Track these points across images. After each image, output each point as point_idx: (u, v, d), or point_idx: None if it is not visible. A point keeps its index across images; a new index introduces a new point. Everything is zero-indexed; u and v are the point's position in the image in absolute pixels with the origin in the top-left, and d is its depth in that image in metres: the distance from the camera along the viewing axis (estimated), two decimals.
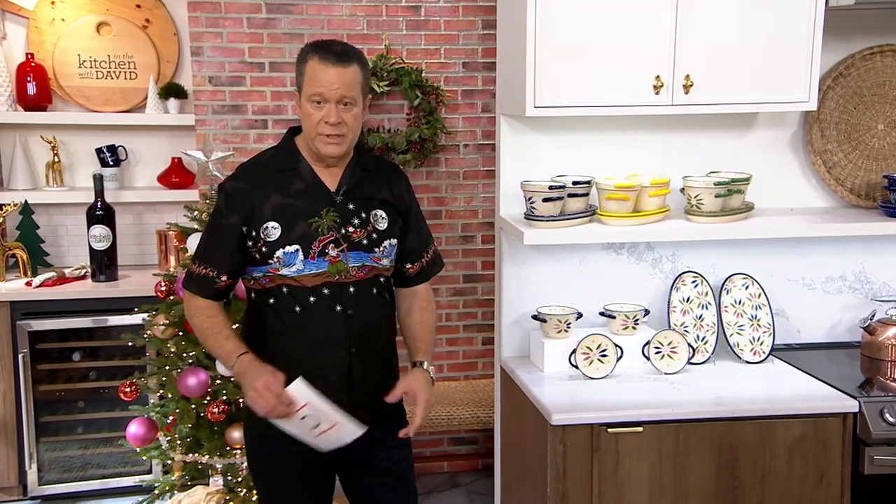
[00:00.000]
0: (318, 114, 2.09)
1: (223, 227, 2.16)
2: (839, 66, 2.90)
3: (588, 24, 2.56)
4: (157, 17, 4.07)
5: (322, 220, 2.15)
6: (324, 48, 2.11)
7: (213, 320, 2.20)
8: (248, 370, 2.09)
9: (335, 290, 2.16)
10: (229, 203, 2.15)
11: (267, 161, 2.23)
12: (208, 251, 2.20)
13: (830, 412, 2.46)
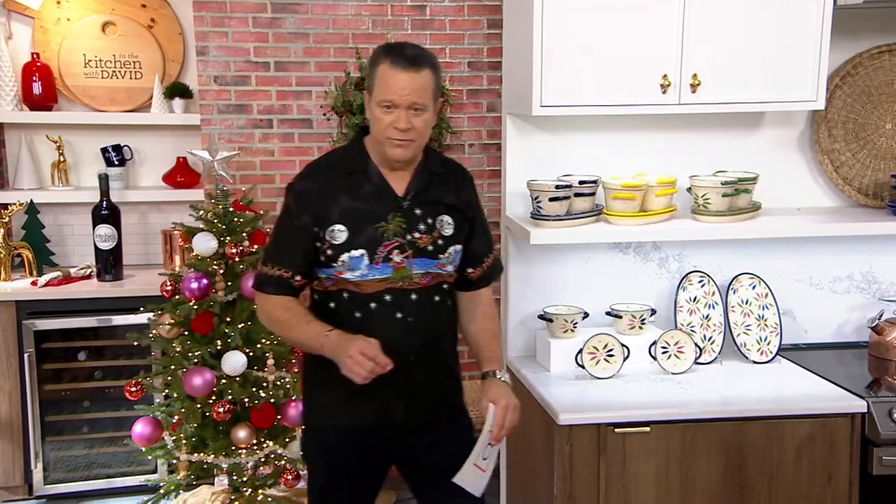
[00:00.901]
0: (388, 118, 2.06)
1: (295, 227, 2.13)
2: (847, 65, 2.90)
3: (595, 24, 2.56)
4: (162, 17, 4.07)
5: (388, 224, 2.11)
6: (395, 52, 2.08)
7: (292, 311, 2.17)
8: (339, 343, 2.04)
9: (397, 296, 2.13)
10: (300, 204, 2.13)
11: (336, 162, 2.21)
12: (281, 252, 2.18)
13: (838, 412, 2.46)
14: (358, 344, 2.00)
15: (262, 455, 3.26)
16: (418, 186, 2.17)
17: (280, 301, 2.17)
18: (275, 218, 3.69)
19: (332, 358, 2.06)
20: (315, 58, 3.77)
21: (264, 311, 2.22)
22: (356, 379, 1.99)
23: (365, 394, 2.08)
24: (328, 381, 2.15)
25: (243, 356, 3.17)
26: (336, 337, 2.07)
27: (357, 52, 3.76)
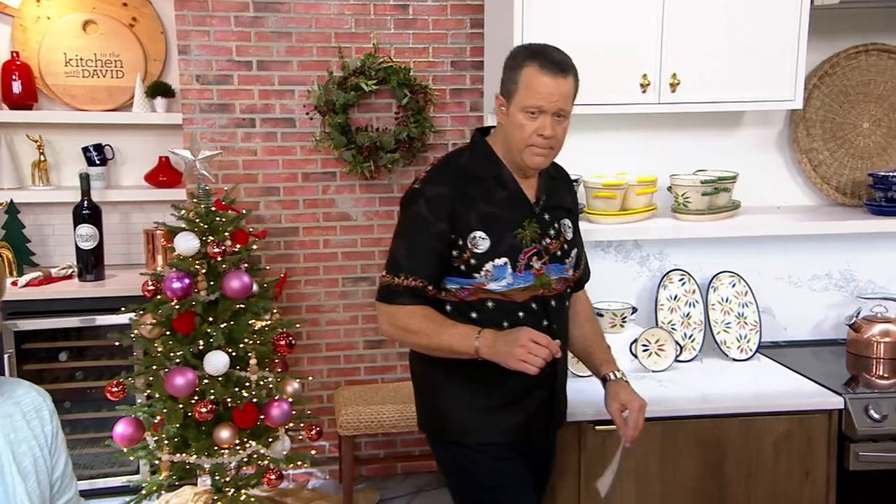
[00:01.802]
0: (532, 125, 2.00)
1: (431, 235, 2.04)
2: (825, 65, 2.94)
3: (574, 24, 2.58)
4: (143, 16, 4.07)
5: (525, 231, 2.08)
6: (543, 56, 2.00)
7: (432, 317, 2.07)
8: (497, 339, 1.97)
9: (540, 304, 2.11)
10: (435, 210, 2.04)
11: (465, 166, 2.12)
12: (415, 262, 2.06)
13: (816, 409, 2.49)
14: (525, 332, 1.94)
15: (244, 455, 3.26)
16: (545, 191, 2.15)
17: (417, 310, 2.07)
18: (258, 218, 3.83)
19: (491, 356, 1.97)
20: (297, 57, 3.78)
21: (398, 323, 2.09)
22: (530, 369, 1.92)
23: (508, 408, 2.07)
24: (463, 398, 2.12)
25: (225, 356, 3.17)
26: (491, 335, 1.99)
27: (339, 51, 3.77)
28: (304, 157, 3.85)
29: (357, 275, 4.03)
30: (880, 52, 2.95)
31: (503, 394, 2.10)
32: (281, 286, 3.60)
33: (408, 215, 2.10)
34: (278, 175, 3.85)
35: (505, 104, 2.05)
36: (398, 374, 4.18)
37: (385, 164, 3.84)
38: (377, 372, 4.16)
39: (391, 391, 4.00)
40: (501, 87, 2.06)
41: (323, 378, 4.07)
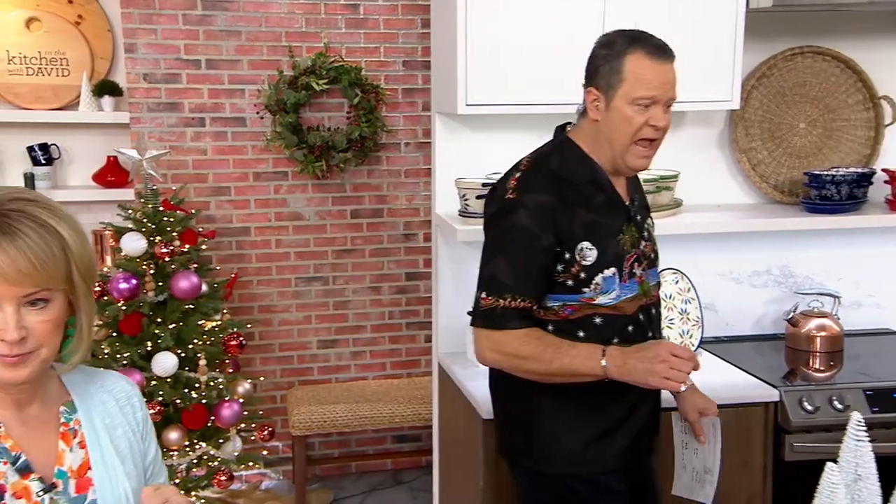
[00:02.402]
0: (641, 117, 1.86)
1: (536, 249, 1.87)
2: (762, 67, 2.99)
3: (518, 24, 2.60)
4: (89, 13, 4.03)
5: (625, 236, 1.95)
6: (645, 41, 1.86)
7: (544, 340, 1.89)
8: (628, 356, 1.83)
9: (646, 314, 2.00)
10: (539, 221, 1.87)
11: (558, 169, 1.95)
12: (522, 280, 1.87)
13: (753, 401, 2.54)
14: (664, 346, 1.82)
15: (194, 457, 3.27)
16: (634, 191, 2.05)
17: (528, 333, 1.89)
18: (209, 217, 3.83)
19: (622, 376, 1.83)
20: (247, 56, 3.79)
21: (506, 350, 1.90)
22: (675, 386, 1.81)
23: (616, 432, 1.96)
24: (570, 424, 1.97)
25: (174, 357, 3.18)
26: (619, 352, 1.84)
27: (290, 50, 3.79)
28: (255, 156, 3.87)
29: (310, 274, 4.05)
30: (815, 54, 3.00)
31: (610, 417, 1.96)
32: (231, 286, 3.61)
33: (503, 228, 1.92)
34: (229, 175, 3.86)
35: (601, 98, 1.89)
36: (352, 373, 4.22)
37: (337, 164, 3.87)
38: (331, 371, 4.19)
39: (344, 390, 4.04)
40: (596, 80, 1.90)
41: (276, 378, 4.09)
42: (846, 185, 2.84)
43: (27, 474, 1.30)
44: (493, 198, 2.00)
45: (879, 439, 2.49)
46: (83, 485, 1.35)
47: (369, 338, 4.20)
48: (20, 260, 1.21)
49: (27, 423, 1.34)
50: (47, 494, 1.31)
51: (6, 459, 1.30)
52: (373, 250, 4.12)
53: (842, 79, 3.04)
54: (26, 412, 1.35)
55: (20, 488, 1.29)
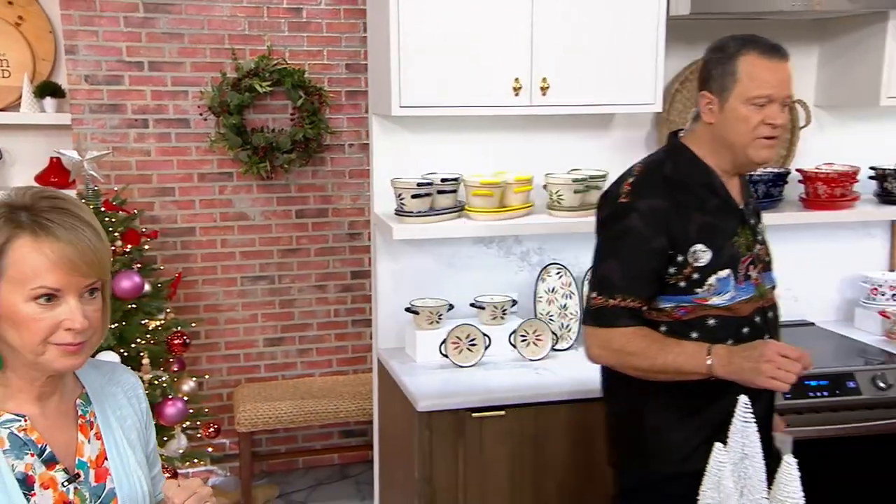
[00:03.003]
0: (758, 116, 1.87)
1: (648, 252, 1.89)
2: (685, 72, 3.04)
3: (450, 28, 2.64)
4: (30, 14, 4.00)
5: (740, 238, 1.96)
6: (758, 41, 1.88)
7: (651, 336, 1.91)
8: (734, 355, 1.82)
9: (762, 316, 1.99)
10: (651, 224, 1.89)
11: (671, 174, 1.96)
12: (631, 281, 1.91)
13: None
14: (771, 346, 1.79)
15: None
16: (747, 194, 2.05)
17: (635, 330, 1.91)
18: (154, 218, 3.84)
19: (729, 374, 1.81)
20: (190, 58, 3.80)
21: (613, 346, 1.92)
22: (781, 387, 1.77)
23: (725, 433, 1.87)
24: (679, 424, 1.97)
25: (116, 356, 3.19)
26: (725, 350, 1.84)
27: (233, 52, 3.81)
28: (199, 157, 3.89)
29: (256, 273, 4.08)
30: None
31: (720, 417, 1.87)
32: (175, 286, 3.62)
33: (616, 231, 1.94)
34: (173, 175, 3.87)
35: (715, 101, 1.91)
36: (298, 370, 4.25)
37: (281, 165, 3.90)
38: (277, 369, 4.22)
39: (291, 387, 4.07)
40: (709, 84, 1.93)
41: (223, 376, 4.12)
42: (763, 184, 2.93)
43: (52, 465, 1.34)
44: (605, 202, 2.02)
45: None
46: (101, 474, 1.39)
47: (315, 335, 4.24)
48: (87, 253, 1.27)
49: (49, 416, 1.37)
50: (71, 485, 1.35)
51: (33, 451, 1.33)
52: (318, 249, 4.16)
53: None
54: (48, 405, 1.37)
55: (46, 479, 1.33)
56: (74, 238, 1.27)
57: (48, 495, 1.32)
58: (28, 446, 1.33)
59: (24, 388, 1.35)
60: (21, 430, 1.33)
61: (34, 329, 1.27)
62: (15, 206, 1.29)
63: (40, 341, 1.27)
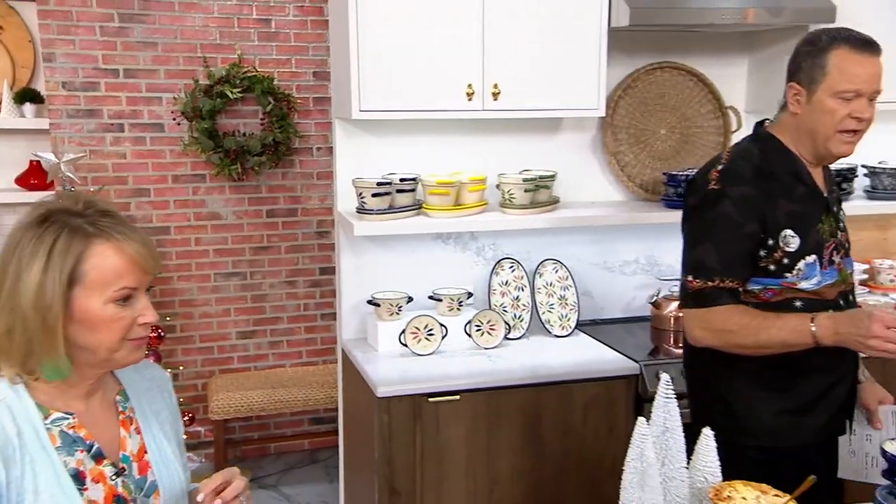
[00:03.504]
0: (844, 109, 1.81)
1: (742, 235, 1.86)
2: (627, 79, 3.06)
3: (407, 37, 2.63)
4: (10, 24, 3.93)
5: (824, 225, 1.92)
6: (850, 36, 1.81)
7: (750, 312, 1.86)
8: (839, 323, 1.75)
9: (845, 299, 1.95)
10: (743, 210, 1.86)
11: (760, 163, 1.92)
12: (728, 263, 1.87)
13: (618, 375, 2.63)
14: (877, 319, 1.69)
15: None
16: (830, 182, 2.01)
17: (735, 308, 1.87)
18: (130, 218, 3.78)
19: (838, 341, 1.76)
20: (164, 66, 3.75)
21: (714, 326, 1.87)
22: (889, 356, 1.71)
23: (811, 411, 1.92)
24: (766, 399, 1.94)
25: None
26: (829, 319, 1.77)
27: (205, 60, 3.77)
28: (173, 160, 3.84)
29: (228, 270, 4.04)
30: (672, 69, 3.10)
31: (805, 394, 1.92)
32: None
33: (709, 217, 1.90)
34: (148, 177, 3.82)
35: (803, 93, 1.86)
36: (270, 361, 4.22)
37: (252, 167, 3.87)
38: (250, 360, 4.18)
39: (263, 377, 4.04)
40: (798, 75, 1.88)
41: (197, 368, 4.07)
42: None
43: (100, 460, 1.32)
44: (693, 189, 1.98)
45: None
46: (143, 467, 1.37)
47: (286, 328, 4.21)
48: (154, 252, 1.28)
49: (93, 412, 1.34)
50: (119, 478, 1.33)
51: (82, 448, 1.30)
52: (288, 247, 4.13)
53: (695, 91, 3.14)
54: (92, 402, 1.35)
55: (96, 473, 1.31)
56: (140, 238, 1.27)
57: (99, 489, 1.30)
58: (78, 443, 1.30)
59: (73, 386, 1.31)
60: (70, 428, 1.30)
61: (115, 328, 1.25)
62: (69, 211, 1.26)
63: (119, 339, 1.26)
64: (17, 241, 1.24)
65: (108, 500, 1.31)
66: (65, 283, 1.22)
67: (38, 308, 1.21)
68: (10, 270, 1.23)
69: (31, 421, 1.27)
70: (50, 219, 1.25)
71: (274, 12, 3.84)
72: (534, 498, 2.63)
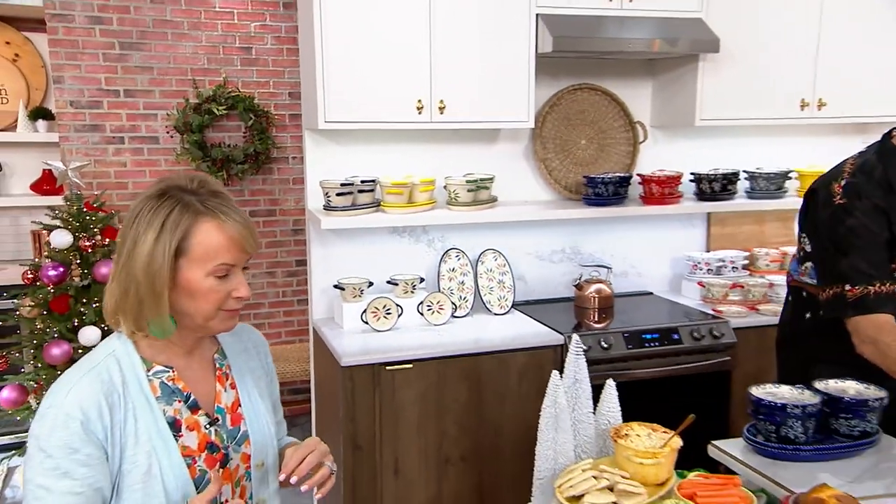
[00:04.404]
0: None
1: (882, 243, 1.69)
2: (553, 98, 3.06)
3: (364, 58, 2.59)
4: (25, 52, 3.80)
5: None
6: None
7: None
8: None
9: None
10: (876, 220, 1.69)
11: (880, 177, 1.73)
12: (879, 267, 1.69)
13: (546, 345, 2.62)
14: None
15: None
16: None
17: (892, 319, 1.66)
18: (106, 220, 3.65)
19: None
20: (159, 87, 3.65)
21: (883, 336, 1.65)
22: None
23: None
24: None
25: (98, 330, 3.02)
26: None
27: (194, 82, 3.67)
28: (167, 168, 3.73)
29: None
30: (590, 89, 3.11)
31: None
32: None
33: (842, 231, 1.71)
34: (146, 183, 3.70)
35: None
36: None
37: (236, 174, 3.78)
38: None
39: None
40: None
41: None
42: (612, 185, 2.96)
43: (196, 410, 1.26)
44: (816, 201, 1.79)
45: (633, 368, 2.67)
46: (236, 419, 1.30)
47: (267, 312, 4.12)
48: (247, 230, 1.20)
49: (192, 368, 1.28)
50: (212, 427, 1.27)
51: (180, 398, 1.24)
52: (268, 242, 4.04)
53: (609, 108, 3.15)
54: (192, 359, 1.28)
55: (192, 422, 1.25)
56: (242, 220, 1.20)
57: (193, 436, 1.24)
58: (176, 394, 1.24)
59: (175, 344, 1.25)
60: (170, 380, 1.24)
61: (211, 299, 1.19)
62: (184, 189, 1.19)
63: (215, 309, 1.20)
64: (138, 212, 1.19)
65: (201, 446, 1.24)
66: (172, 253, 1.16)
67: (149, 274, 1.16)
68: (129, 237, 1.18)
69: (136, 372, 1.21)
70: (167, 194, 1.19)
71: (254, 41, 3.75)
72: (476, 450, 2.61)
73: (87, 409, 1.14)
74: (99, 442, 1.15)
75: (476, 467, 2.61)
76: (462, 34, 2.68)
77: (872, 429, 1.63)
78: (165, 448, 1.19)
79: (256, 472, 1.32)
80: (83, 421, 1.13)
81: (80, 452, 1.13)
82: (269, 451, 1.34)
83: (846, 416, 1.62)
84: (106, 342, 1.25)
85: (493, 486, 2.64)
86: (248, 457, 1.30)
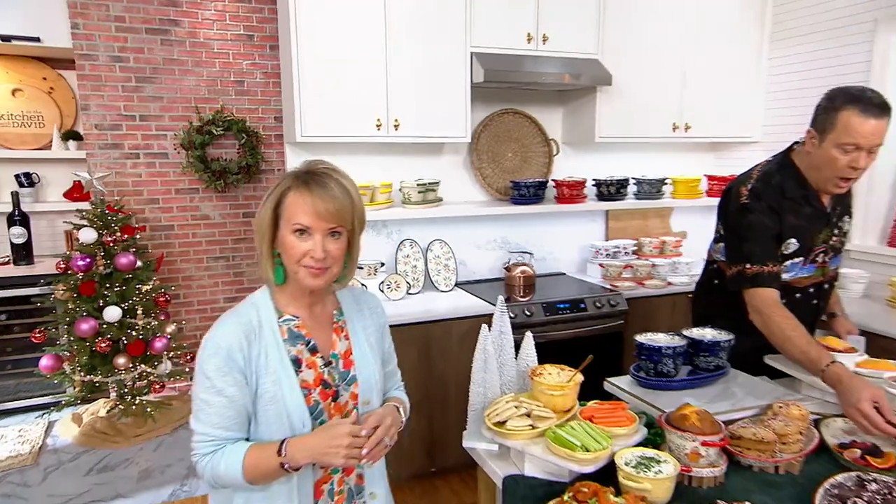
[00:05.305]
0: (845, 159, 1.59)
1: (771, 236, 1.69)
2: (486, 119, 3.10)
3: (333, 85, 2.59)
4: (59, 86, 3.70)
5: (821, 234, 1.74)
6: (862, 100, 1.54)
7: (792, 324, 1.60)
8: (841, 382, 1.46)
9: (817, 287, 1.79)
10: (769, 218, 1.70)
11: (778, 187, 1.71)
12: (767, 254, 1.68)
13: (482, 314, 2.66)
14: (869, 393, 1.39)
15: (137, 374, 3.10)
16: (837, 201, 1.76)
17: (787, 313, 1.63)
18: (146, 219, 3.60)
19: (836, 389, 1.47)
20: (168, 112, 3.60)
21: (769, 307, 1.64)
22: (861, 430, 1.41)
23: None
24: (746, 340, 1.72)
25: (119, 309, 2.99)
26: (839, 371, 1.47)
27: (197, 109, 3.63)
28: (175, 178, 3.68)
29: (217, 255, 3.89)
30: (515, 113, 3.16)
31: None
32: (160, 262, 3.42)
33: (745, 224, 1.71)
34: (158, 190, 3.65)
35: (816, 137, 1.63)
36: None
37: (232, 183, 3.74)
38: None
39: None
40: (815, 123, 1.64)
41: (196, 323, 3.90)
42: (533, 188, 3.02)
43: (315, 353, 1.26)
44: (730, 198, 1.78)
45: (550, 332, 2.73)
46: (347, 364, 1.30)
47: None
48: (331, 204, 1.19)
49: (314, 319, 1.28)
50: (327, 368, 1.27)
51: (302, 342, 1.25)
52: None
53: (530, 128, 3.20)
54: (314, 312, 1.28)
55: (310, 362, 1.25)
56: (325, 194, 1.19)
57: (310, 373, 1.25)
58: (299, 338, 1.25)
59: (298, 298, 1.26)
60: (295, 327, 1.26)
61: (291, 254, 1.20)
62: (302, 169, 1.25)
63: (295, 262, 1.20)
64: (277, 182, 1.24)
65: (316, 381, 1.25)
66: (271, 212, 1.21)
67: (261, 229, 1.22)
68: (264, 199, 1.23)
69: (269, 317, 1.24)
70: (297, 171, 1.25)
71: (245, 76, 3.73)
72: (427, 401, 2.63)
73: (231, 342, 1.18)
74: (241, 368, 1.18)
75: (427, 412, 2.64)
76: (413, 66, 2.71)
77: (723, 363, 1.70)
78: (288, 379, 1.21)
79: (363, 408, 1.31)
80: (228, 350, 1.18)
81: (229, 375, 1.17)
82: (375, 393, 1.32)
83: (704, 354, 1.68)
84: (253, 294, 1.28)
85: (441, 425, 2.68)
86: (356, 396, 1.30)
